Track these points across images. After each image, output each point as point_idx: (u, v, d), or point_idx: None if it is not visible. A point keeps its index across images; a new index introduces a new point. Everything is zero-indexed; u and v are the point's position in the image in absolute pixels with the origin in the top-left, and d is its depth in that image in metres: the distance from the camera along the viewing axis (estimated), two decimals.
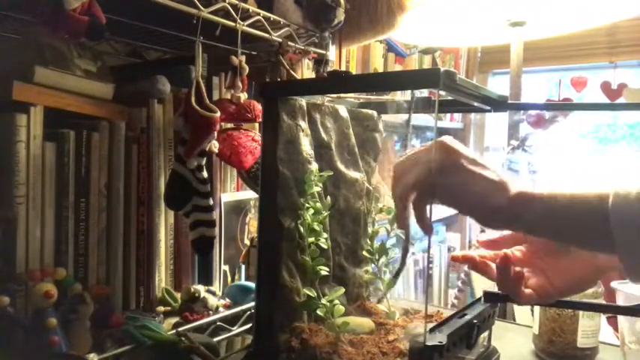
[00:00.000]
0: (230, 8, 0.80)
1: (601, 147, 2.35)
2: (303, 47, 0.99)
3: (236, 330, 0.91)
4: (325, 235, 0.77)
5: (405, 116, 1.88)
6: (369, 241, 0.88)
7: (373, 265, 0.87)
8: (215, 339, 0.86)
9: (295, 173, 0.74)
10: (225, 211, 1.00)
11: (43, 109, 0.74)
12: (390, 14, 1.05)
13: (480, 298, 0.73)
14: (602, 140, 2.37)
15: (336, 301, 0.73)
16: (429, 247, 0.65)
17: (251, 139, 0.91)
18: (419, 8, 1.23)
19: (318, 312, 0.72)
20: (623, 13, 1.36)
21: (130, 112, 0.86)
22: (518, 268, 0.61)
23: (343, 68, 1.06)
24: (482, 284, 0.72)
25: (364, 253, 0.88)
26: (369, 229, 0.89)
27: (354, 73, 1.53)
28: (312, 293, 0.72)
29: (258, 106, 0.89)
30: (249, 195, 1.04)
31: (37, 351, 0.67)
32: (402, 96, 1.61)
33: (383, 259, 0.85)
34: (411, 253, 0.71)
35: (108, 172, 0.82)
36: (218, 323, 0.89)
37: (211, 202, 0.85)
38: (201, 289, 0.90)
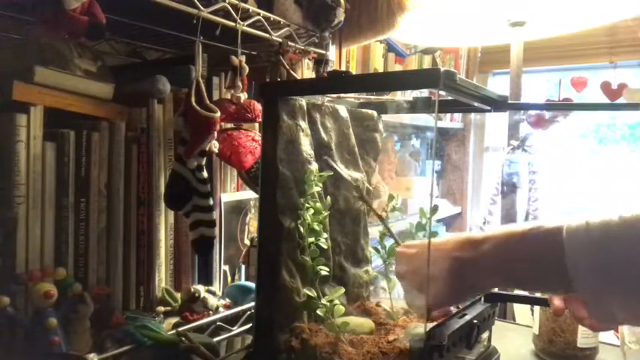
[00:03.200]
0: (230, 8, 0.80)
1: (601, 147, 2.35)
2: (303, 47, 0.99)
3: (236, 330, 0.91)
4: (325, 235, 0.77)
5: (405, 116, 1.88)
6: (378, 240, 0.87)
7: (380, 265, 0.87)
8: (215, 339, 0.86)
9: (295, 173, 0.74)
10: (225, 211, 1.00)
11: (43, 109, 0.74)
12: (390, 14, 1.05)
13: (480, 298, 0.73)
14: (602, 140, 2.37)
15: (336, 301, 0.73)
16: (428, 247, 0.66)
17: (251, 139, 0.91)
18: (419, 8, 1.23)
19: (318, 312, 0.72)
20: (623, 13, 1.36)
21: (130, 112, 0.86)
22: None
23: (343, 68, 1.07)
24: None
25: (371, 250, 0.87)
26: (380, 228, 0.88)
27: (354, 73, 1.53)
28: (312, 293, 0.72)
29: (258, 106, 0.89)
30: (249, 195, 1.04)
31: (37, 351, 0.67)
32: (402, 96, 1.61)
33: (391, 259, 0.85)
34: None
35: (108, 172, 0.82)
36: (218, 323, 0.89)
37: (211, 202, 0.85)
38: (201, 289, 0.90)
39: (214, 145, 0.86)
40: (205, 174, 0.84)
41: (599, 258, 0.49)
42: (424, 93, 1.64)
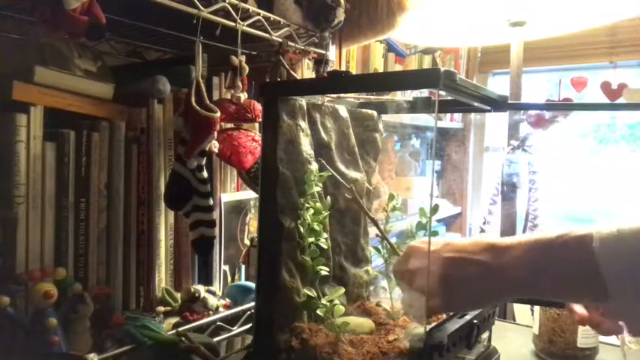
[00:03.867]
0: (230, 8, 0.80)
1: (601, 147, 2.35)
2: (303, 47, 0.99)
3: (236, 330, 0.91)
4: (325, 235, 0.77)
5: (405, 116, 1.87)
6: (379, 239, 0.87)
7: (380, 265, 0.87)
8: (215, 339, 0.86)
9: (295, 173, 0.74)
10: (225, 211, 1.00)
11: (43, 109, 0.74)
12: (390, 14, 1.05)
13: None
14: (602, 140, 2.37)
15: (336, 301, 0.73)
16: (428, 247, 0.66)
17: (251, 139, 0.91)
18: (419, 8, 1.23)
19: (318, 312, 0.72)
20: (623, 13, 1.36)
21: (130, 112, 0.86)
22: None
23: (343, 68, 1.07)
24: None
25: (371, 249, 0.87)
26: (382, 227, 0.88)
27: (354, 73, 1.53)
28: (312, 293, 0.72)
29: (258, 106, 0.89)
30: (249, 195, 1.04)
31: (37, 351, 0.67)
32: (402, 96, 1.61)
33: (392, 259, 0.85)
34: None
35: (108, 172, 0.82)
36: (218, 323, 0.89)
37: (211, 202, 0.85)
38: (201, 289, 0.90)
39: (214, 145, 0.86)
40: (205, 174, 0.84)
41: (633, 266, 0.46)
42: (424, 93, 1.64)
